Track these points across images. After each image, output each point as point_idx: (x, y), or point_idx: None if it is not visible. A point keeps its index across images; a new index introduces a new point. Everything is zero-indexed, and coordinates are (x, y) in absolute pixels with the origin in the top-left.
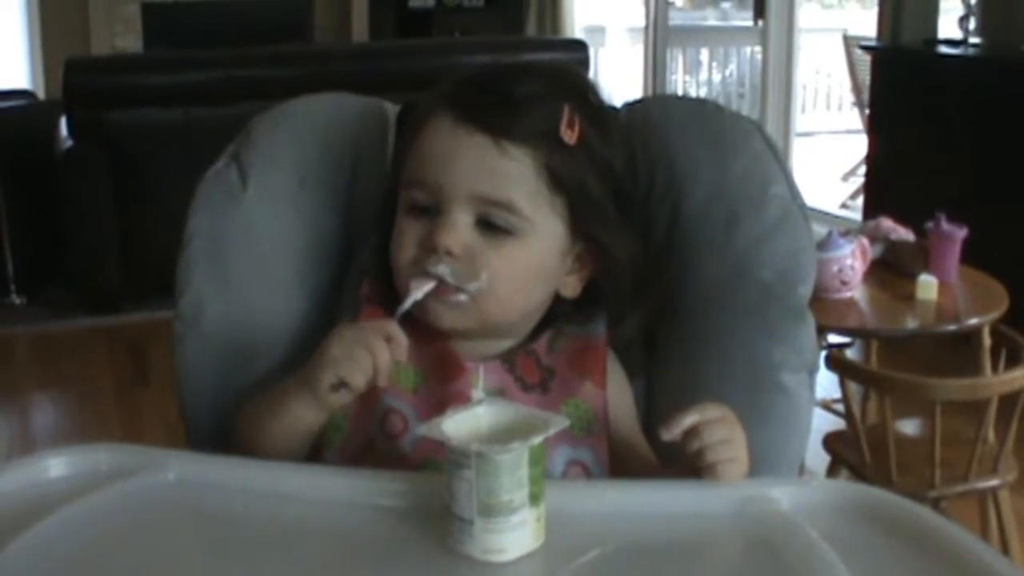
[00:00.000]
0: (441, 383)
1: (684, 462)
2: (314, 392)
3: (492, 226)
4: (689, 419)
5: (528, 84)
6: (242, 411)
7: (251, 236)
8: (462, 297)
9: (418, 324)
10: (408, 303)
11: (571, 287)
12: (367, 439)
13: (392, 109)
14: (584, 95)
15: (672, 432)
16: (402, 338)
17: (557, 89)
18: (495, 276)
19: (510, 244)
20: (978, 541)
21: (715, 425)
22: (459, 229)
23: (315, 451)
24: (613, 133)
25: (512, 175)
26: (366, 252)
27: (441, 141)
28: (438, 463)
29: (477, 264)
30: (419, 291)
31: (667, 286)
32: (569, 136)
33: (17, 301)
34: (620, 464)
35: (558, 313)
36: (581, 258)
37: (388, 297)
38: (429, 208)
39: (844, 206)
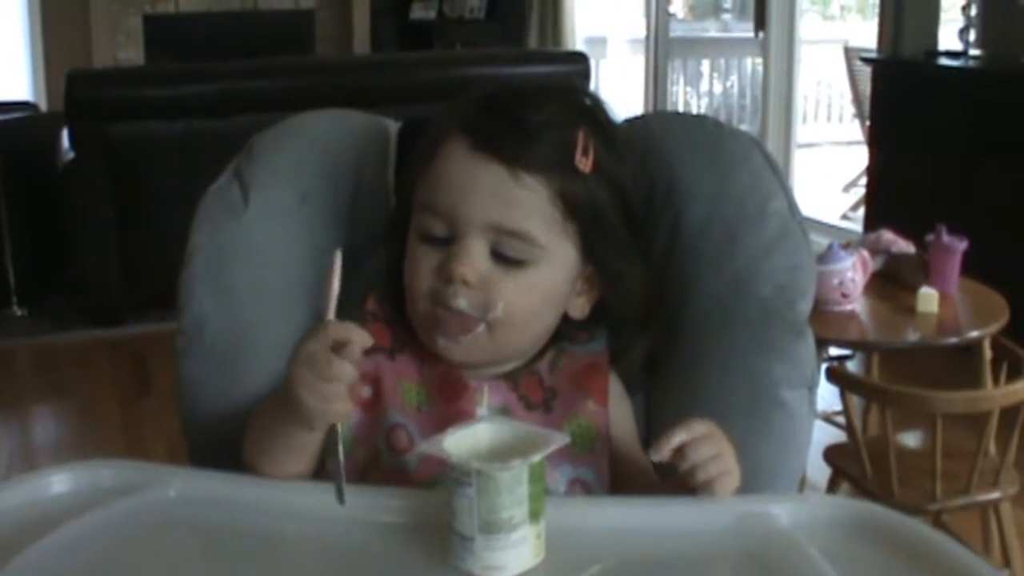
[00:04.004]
0: (445, 402)
1: (679, 478)
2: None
3: (504, 257)
4: (676, 439)
5: (542, 110)
6: (245, 442)
7: (253, 252)
8: (480, 329)
9: (423, 344)
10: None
11: (579, 308)
12: (373, 452)
13: (394, 126)
14: (596, 116)
15: (661, 454)
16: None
17: (571, 113)
18: (510, 306)
19: (524, 273)
20: (976, 557)
21: (702, 442)
22: (474, 258)
23: (320, 462)
24: (623, 153)
25: (527, 204)
26: (368, 268)
27: (456, 169)
28: (444, 481)
29: (492, 294)
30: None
31: (667, 302)
32: (584, 164)
33: (19, 312)
34: (620, 480)
35: (562, 332)
36: (590, 280)
37: (394, 315)
38: (443, 238)
39: (845, 217)
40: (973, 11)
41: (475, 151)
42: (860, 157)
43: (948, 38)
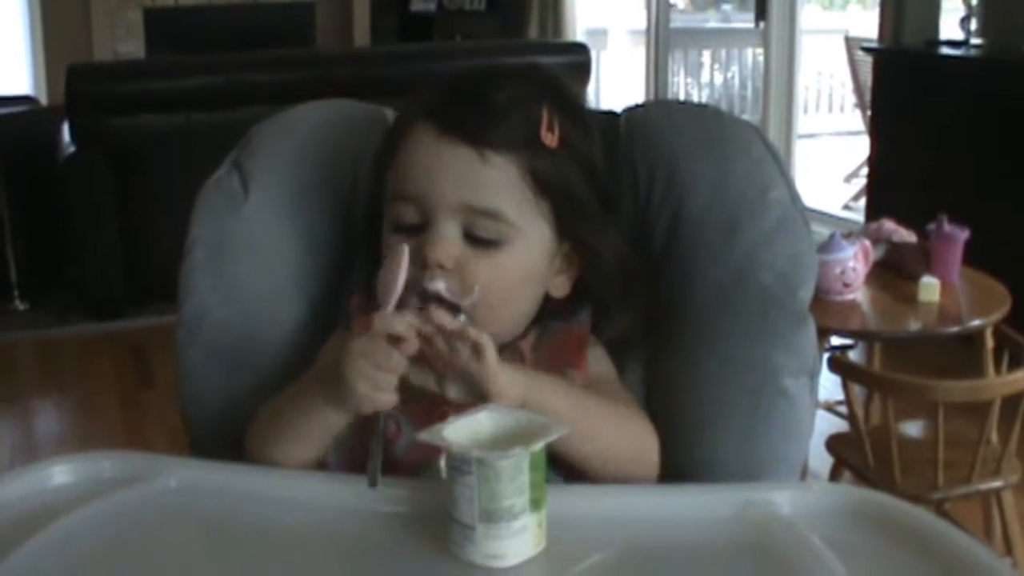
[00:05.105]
0: None
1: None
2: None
3: (478, 239)
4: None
5: (505, 89)
6: (256, 424)
7: (252, 244)
8: (461, 317)
9: None
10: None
11: (560, 287)
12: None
13: (393, 116)
14: (560, 93)
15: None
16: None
17: (534, 91)
18: (487, 288)
19: (499, 254)
20: (979, 544)
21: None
22: (448, 242)
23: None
24: (591, 129)
25: (497, 184)
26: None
27: (423, 154)
28: (431, 467)
29: (468, 277)
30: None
31: (667, 290)
32: (550, 139)
33: (20, 307)
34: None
35: (545, 311)
36: (569, 257)
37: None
38: (416, 225)
39: (847, 207)
40: (974, 0)
41: (441, 135)
42: (861, 147)
43: (949, 27)
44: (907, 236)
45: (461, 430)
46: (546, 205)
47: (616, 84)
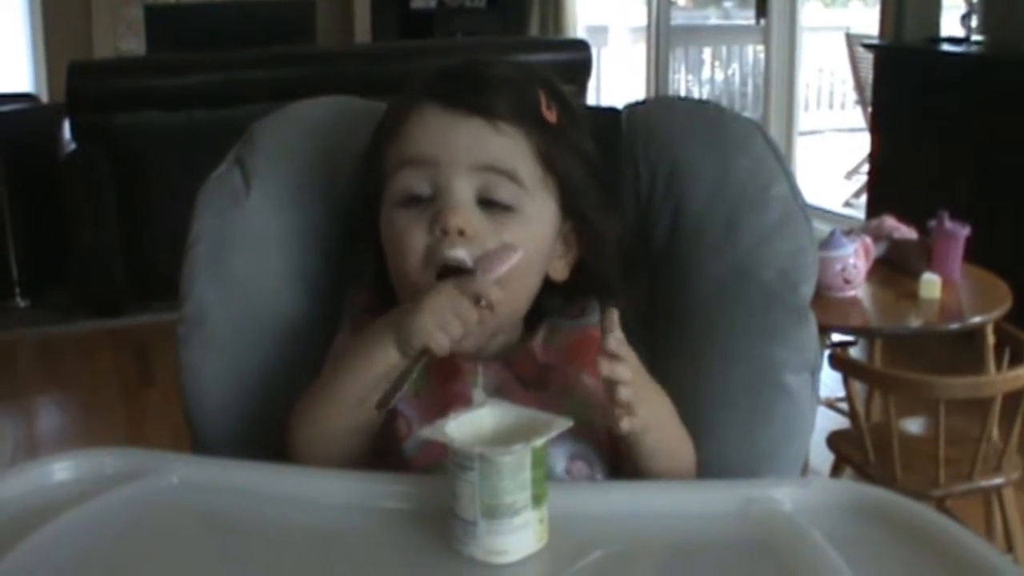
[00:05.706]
0: (441, 385)
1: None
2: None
3: (493, 204)
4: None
5: (501, 70)
6: (306, 395)
7: (254, 240)
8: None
9: None
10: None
11: (560, 270)
12: (378, 439)
13: None
14: (551, 83)
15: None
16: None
17: (527, 75)
18: None
19: (513, 222)
20: (981, 540)
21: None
22: (465, 206)
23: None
24: (582, 121)
25: (511, 148)
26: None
27: (433, 124)
28: (443, 467)
29: (486, 246)
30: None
31: (668, 286)
32: (550, 116)
33: (21, 304)
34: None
35: (550, 307)
36: (567, 240)
37: (388, 307)
38: (423, 196)
39: (848, 204)
40: None
41: (447, 109)
42: (862, 144)
43: (950, 24)
44: (908, 233)
45: (463, 426)
46: (552, 182)
47: (617, 81)
